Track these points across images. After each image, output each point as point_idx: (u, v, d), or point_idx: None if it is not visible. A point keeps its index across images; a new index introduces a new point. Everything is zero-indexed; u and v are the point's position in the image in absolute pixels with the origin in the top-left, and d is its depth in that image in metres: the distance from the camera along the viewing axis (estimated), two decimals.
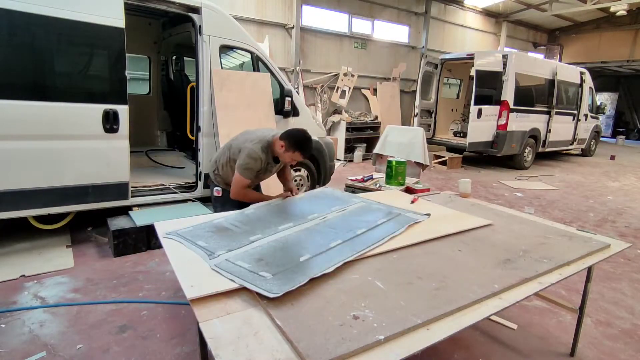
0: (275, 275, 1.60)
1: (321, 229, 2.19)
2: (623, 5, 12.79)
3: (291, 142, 2.60)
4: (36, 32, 3.09)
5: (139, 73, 6.59)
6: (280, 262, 1.75)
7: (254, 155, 2.62)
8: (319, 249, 1.90)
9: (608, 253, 2.12)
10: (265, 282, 1.55)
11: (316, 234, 2.13)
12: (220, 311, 1.38)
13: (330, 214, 2.43)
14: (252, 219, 2.33)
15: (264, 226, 2.20)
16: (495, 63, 8.26)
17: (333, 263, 1.72)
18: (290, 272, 1.64)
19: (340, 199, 2.79)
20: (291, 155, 2.65)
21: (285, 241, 2.01)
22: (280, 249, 1.91)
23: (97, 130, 3.41)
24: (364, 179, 4.14)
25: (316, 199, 2.82)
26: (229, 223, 2.24)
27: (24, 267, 3.16)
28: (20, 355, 2.16)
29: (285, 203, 2.70)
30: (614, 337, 2.60)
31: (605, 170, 9.69)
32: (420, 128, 5.84)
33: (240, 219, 2.33)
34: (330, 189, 3.06)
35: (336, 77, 9.64)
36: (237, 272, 1.63)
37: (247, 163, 2.62)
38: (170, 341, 2.35)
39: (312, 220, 2.32)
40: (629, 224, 5.22)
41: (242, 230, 2.15)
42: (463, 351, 2.35)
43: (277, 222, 2.27)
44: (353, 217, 2.40)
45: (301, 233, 2.14)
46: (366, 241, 2.00)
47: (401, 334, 1.28)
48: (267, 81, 4.52)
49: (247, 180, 2.67)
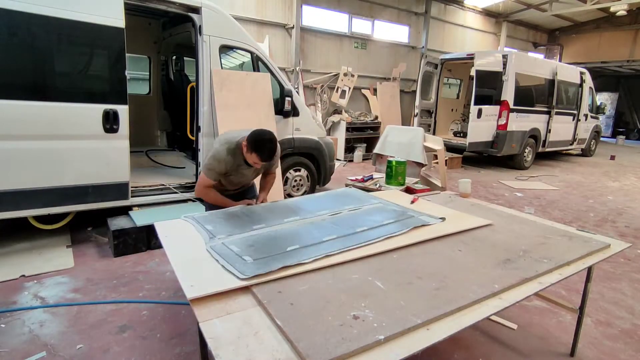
0: (256, 260, 1.69)
1: (323, 224, 2.24)
2: (623, 5, 12.79)
3: (250, 143, 2.40)
4: (36, 32, 3.09)
5: (139, 73, 6.59)
6: (267, 249, 1.83)
7: (218, 157, 2.50)
8: (311, 241, 1.95)
9: (608, 253, 2.12)
10: (244, 265, 1.64)
11: (315, 228, 2.17)
12: (220, 311, 1.38)
13: (341, 212, 2.47)
14: (265, 211, 2.45)
15: (272, 217, 2.30)
16: (495, 63, 8.26)
17: (315, 255, 1.77)
18: (271, 259, 1.73)
19: (359, 198, 2.84)
20: (250, 157, 2.44)
21: (282, 232, 2.08)
22: (273, 238, 1.98)
23: (97, 130, 3.42)
24: (364, 179, 4.14)
25: (335, 196, 2.90)
26: (242, 212, 2.40)
27: (24, 267, 3.16)
28: (20, 355, 2.16)
29: (303, 199, 2.75)
30: (614, 337, 2.60)
31: (605, 170, 9.69)
32: (420, 128, 5.84)
33: (254, 209, 2.50)
34: (354, 190, 3.13)
35: (336, 77, 9.64)
36: (224, 254, 1.74)
37: (210, 164, 2.52)
38: (170, 341, 2.35)
39: (319, 215, 2.38)
40: (629, 224, 5.22)
41: (250, 219, 2.26)
42: (463, 351, 2.35)
43: (284, 215, 2.36)
44: (362, 216, 2.44)
45: (302, 226, 2.20)
46: (360, 239, 2.02)
47: (401, 334, 1.28)
48: (267, 81, 4.53)
49: (210, 180, 2.55)
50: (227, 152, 2.50)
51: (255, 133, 2.44)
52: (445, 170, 4.66)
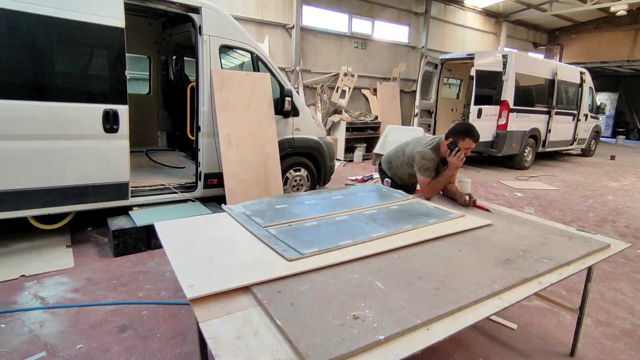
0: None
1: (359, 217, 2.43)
2: (623, 5, 12.79)
3: (458, 132, 2.87)
4: (36, 32, 3.09)
5: (139, 73, 6.59)
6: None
7: (426, 156, 2.96)
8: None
9: (608, 253, 2.12)
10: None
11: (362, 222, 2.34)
12: (220, 311, 1.38)
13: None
14: (311, 206, 2.66)
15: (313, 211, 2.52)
16: (495, 63, 8.26)
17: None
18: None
19: (389, 196, 3.01)
20: (464, 144, 2.86)
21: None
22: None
23: (97, 130, 3.41)
24: (364, 178, 4.15)
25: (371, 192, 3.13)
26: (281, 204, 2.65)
27: (24, 267, 3.16)
28: (20, 355, 2.16)
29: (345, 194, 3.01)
30: (614, 337, 2.60)
31: (605, 170, 9.69)
32: (420, 128, 5.84)
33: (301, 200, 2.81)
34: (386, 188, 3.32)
35: (336, 77, 9.65)
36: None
37: (423, 165, 2.97)
38: (170, 341, 2.35)
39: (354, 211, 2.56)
40: (629, 224, 5.22)
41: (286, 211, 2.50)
42: (463, 351, 2.35)
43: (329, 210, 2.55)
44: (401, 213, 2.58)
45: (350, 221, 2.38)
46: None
47: (401, 334, 1.28)
48: (267, 81, 4.53)
49: (429, 178, 2.97)
50: (432, 151, 2.97)
51: (460, 125, 2.97)
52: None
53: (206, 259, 1.76)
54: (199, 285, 1.51)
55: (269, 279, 1.57)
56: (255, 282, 1.55)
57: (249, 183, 4.24)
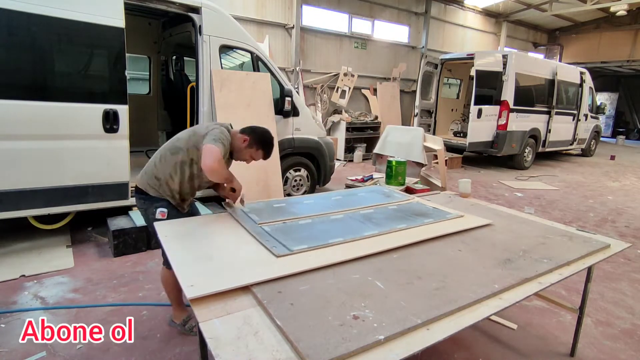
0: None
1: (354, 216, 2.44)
2: (623, 5, 12.79)
3: (257, 139, 2.33)
4: (36, 32, 3.09)
5: (139, 73, 6.59)
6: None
7: (226, 135, 2.25)
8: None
9: (608, 253, 2.12)
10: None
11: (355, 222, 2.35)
12: (220, 311, 1.38)
13: None
14: (309, 205, 2.69)
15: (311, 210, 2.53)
16: (495, 63, 8.26)
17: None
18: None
19: (389, 196, 3.01)
20: (252, 153, 2.35)
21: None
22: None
23: (97, 130, 3.41)
24: (364, 179, 4.14)
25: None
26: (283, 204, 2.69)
27: (24, 267, 3.16)
28: (20, 355, 2.16)
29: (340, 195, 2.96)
30: (614, 337, 2.60)
31: (605, 170, 9.69)
32: (420, 128, 5.83)
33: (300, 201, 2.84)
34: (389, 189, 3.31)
35: (336, 77, 9.64)
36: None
37: (222, 138, 2.19)
38: (170, 341, 2.35)
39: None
40: (629, 224, 5.22)
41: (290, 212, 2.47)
42: (463, 351, 2.35)
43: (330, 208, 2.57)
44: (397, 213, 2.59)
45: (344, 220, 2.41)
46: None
47: (401, 334, 1.28)
48: (267, 81, 4.52)
49: (222, 153, 2.14)
50: (227, 136, 2.27)
51: (261, 130, 2.39)
52: (445, 170, 4.65)
53: (206, 259, 1.75)
54: (199, 285, 1.51)
55: (269, 278, 1.57)
56: (256, 282, 1.55)
57: (248, 183, 4.23)
